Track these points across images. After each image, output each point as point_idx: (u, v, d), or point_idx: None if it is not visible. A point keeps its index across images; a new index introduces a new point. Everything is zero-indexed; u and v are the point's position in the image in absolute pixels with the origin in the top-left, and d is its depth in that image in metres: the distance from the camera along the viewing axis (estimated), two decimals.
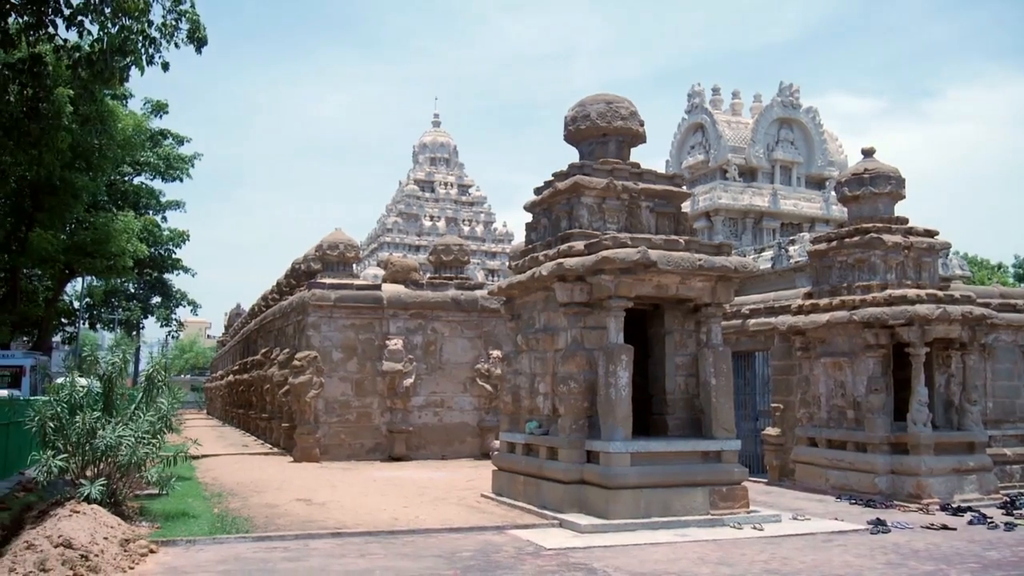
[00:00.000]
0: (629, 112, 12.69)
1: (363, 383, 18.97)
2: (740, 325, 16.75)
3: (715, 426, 11.44)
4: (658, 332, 12.30)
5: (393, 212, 49.77)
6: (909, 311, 13.17)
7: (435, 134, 52.93)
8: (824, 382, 14.74)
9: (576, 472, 11.15)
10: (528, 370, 12.68)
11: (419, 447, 19.18)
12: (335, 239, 21.00)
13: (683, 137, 32.10)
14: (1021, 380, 15.58)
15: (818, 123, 30.99)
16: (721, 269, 11.43)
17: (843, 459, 14.10)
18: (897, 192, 15.06)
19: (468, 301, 19.90)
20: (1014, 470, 14.93)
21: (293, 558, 8.67)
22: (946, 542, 10.05)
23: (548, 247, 12.32)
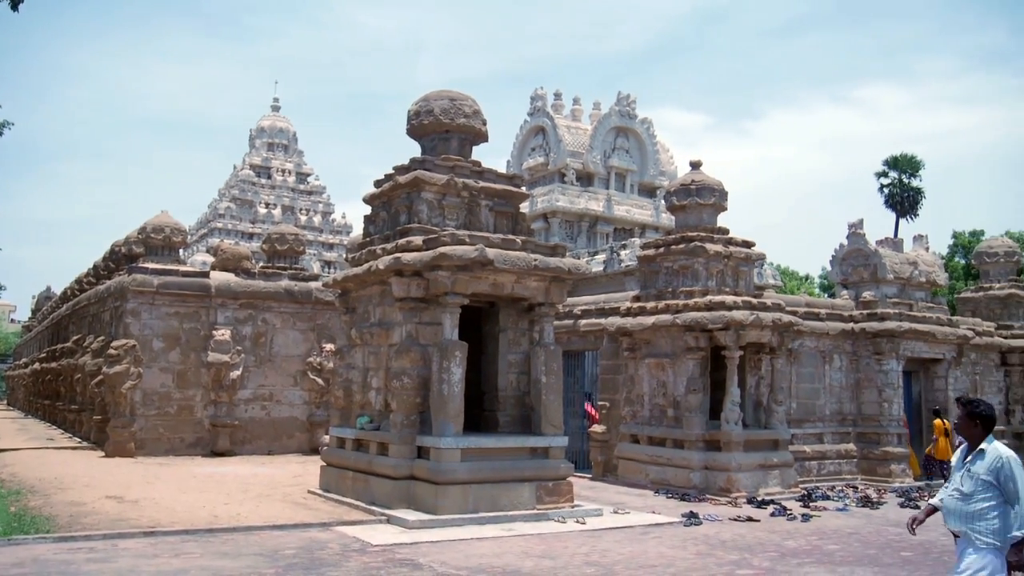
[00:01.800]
0: (472, 110, 12.78)
1: (186, 374, 18.08)
2: (572, 325, 17.24)
3: (544, 423, 11.72)
4: (492, 330, 12.45)
5: (226, 197, 47.71)
6: (726, 316, 14.00)
7: (274, 119, 51.16)
8: (648, 382, 15.43)
9: (406, 468, 11.12)
10: (361, 364, 12.51)
11: (245, 442, 18.50)
12: (161, 222, 19.89)
13: (524, 139, 32.65)
14: (821, 383, 16.93)
15: (652, 134, 32.36)
16: (555, 270, 11.71)
17: (662, 455, 14.81)
18: (720, 204, 15.98)
19: (302, 292, 19.39)
20: (812, 465, 16.20)
21: (100, 559, 8.14)
22: (750, 533, 10.77)
23: (386, 241, 12.21)
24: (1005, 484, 5.14)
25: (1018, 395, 20.72)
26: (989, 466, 5.22)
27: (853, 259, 18.40)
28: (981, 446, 5.33)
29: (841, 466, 16.68)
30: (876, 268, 17.89)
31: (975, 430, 5.38)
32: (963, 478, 5.33)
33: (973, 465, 5.30)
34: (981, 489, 5.20)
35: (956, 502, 5.32)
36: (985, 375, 20.31)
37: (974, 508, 5.21)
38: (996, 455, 5.24)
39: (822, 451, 16.52)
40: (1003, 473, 5.15)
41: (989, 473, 5.19)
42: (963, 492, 5.28)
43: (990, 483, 5.18)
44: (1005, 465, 5.17)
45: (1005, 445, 5.39)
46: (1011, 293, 21.59)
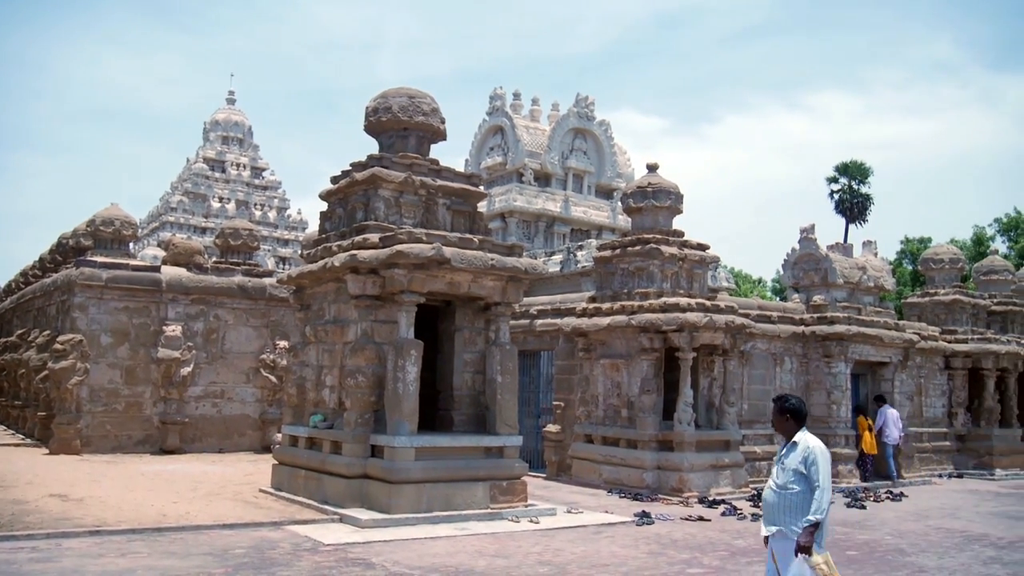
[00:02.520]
0: (431, 108, 12.74)
1: (135, 371, 17.73)
2: (528, 325, 17.29)
3: (499, 422, 11.73)
4: (448, 329, 12.43)
5: (178, 190, 46.90)
6: (680, 318, 14.15)
7: (229, 112, 50.42)
8: (602, 382, 15.53)
9: (359, 466, 11.04)
10: (315, 362, 12.40)
11: (195, 440, 18.20)
12: (111, 214, 19.49)
13: (483, 138, 32.65)
14: (771, 385, 17.19)
15: (610, 136, 32.59)
16: (512, 270, 11.73)
17: (616, 455, 14.92)
18: (676, 207, 16.14)
19: (256, 288, 19.15)
20: (762, 466, 16.43)
21: (43, 559, 7.95)
22: (701, 532, 10.90)
23: (342, 238, 12.11)
24: (810, 471, 5.32)
25: (960, 398, 21.26)
26: (800, 456, 5.41)
27: (804, 263, 18.72)
28: (794, 438, 5.53)
29: None
30: (826, 272, 18.23)
31: (787, 424, 5.59)
32: (778, 471, 5.51)
33: (786, 457, 5.49)
34: (793, 480, 5.38)
35: (773, 495, 5.47)
36: (930, 378, 20.82)
37: (788, 500, 5.37)
38: (806, 445, 5.44)
39: (772, 452, 16.76)
40: (809, 461, 5.34)
41: (800, 463, 5.38)
42: (778, 484, 5.45)
43: (801, 473, 5.37)
44: (811, 453, 5.36)
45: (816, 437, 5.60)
46: (955, 299, 22.16)
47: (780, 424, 5.66)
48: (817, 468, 5.32)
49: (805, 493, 5.35)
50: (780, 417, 5.65)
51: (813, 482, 5.32)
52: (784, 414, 5.62)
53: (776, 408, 5.70)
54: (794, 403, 5.68)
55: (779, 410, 5.67)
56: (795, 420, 5.59)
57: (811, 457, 5.36)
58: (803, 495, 5.35)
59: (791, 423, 5.58)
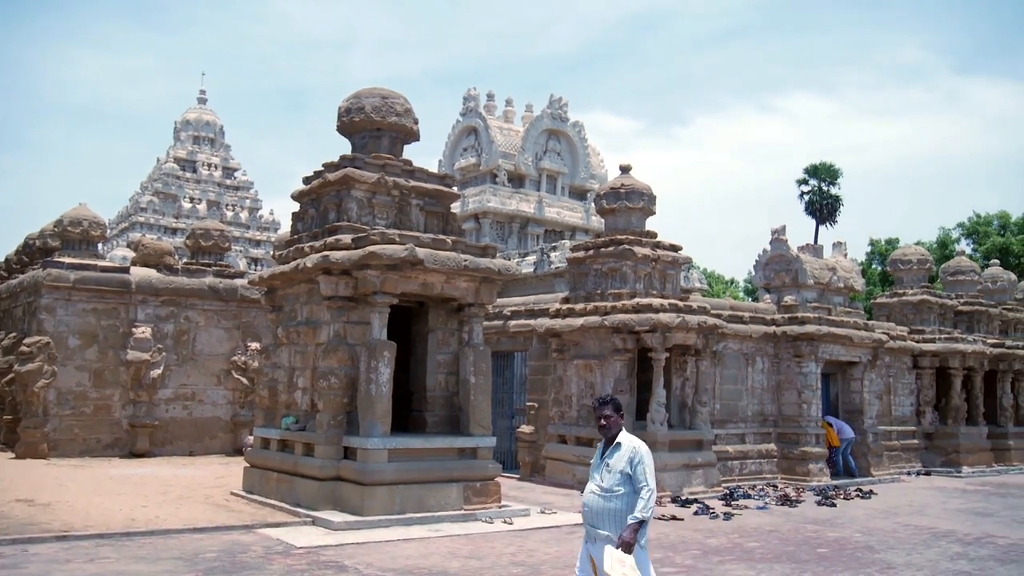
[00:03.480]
0: (404, 109, 12.70)
1: (103, 373, 17.50)
2: (501, 326, 17.29)
3: (472, 423, 11.72)
4: (422, 330, 12.40)
5: (149, 190, 46.35)
6: (653, 319, 14.22)
7: (200, 111, 49.91)
8: (576, 383, 15.57)
9: (332, 468, 10.98)
10: (287, 364, 12.32)
11: (165, 443, 18.00)
12: (79, 214, 19.22)
13: (457, 139, 32.61)
14: (743, 384, 17.33)
15: (583, 137, 32.67)
16: (485, 271, 11.72)
17: (590, 455, 14.94)
18: (649, 208, 16.22)
19: (227, 290, 18.98)
20: (734, 465, 16.58)
21: (8, 565, 7.81)
22: (674, 531, 10.96)
23: (315, 239, 12.04)
24: (636, 471, 5.19)
25: (928, 397, 21.58)
26: (625, 457, 5.25)
27: (776, 264, 18.90)
28: (617, 439, 5.36)
29: (762, 465, 17.11)
30: (797, 273, 18.41)
31: (613, 422, 5.39)
32: (603, 474, 5.32)
33: (611, 458, 5.31)
34: (620, 482, 5.22)
35: (599, 499, 5.27)
36: (898, 378, 21.10)
37: (614, 504, 5.20)
38: (631, 445, 5.30)
39: (744, 451, 16.91)
40: (635, 461, 5.21)
41: (626, 464, 5.23)
42: (604, 488, 5.27)
43: (627, 474, 5.22)
44: (637, 453, 5.24)
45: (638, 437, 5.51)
46: (923, 299, 22.47)
47: (608, 422, 5.40)
48: (643, 468, 5.19)
49: (631, 495, 5.19)
50: (607, 415, 5.40)
51: (639, 483, 5.17)
52: (618, 411, 5.42)
53: (601, 406, 5.45)
54: (619, 400, 5.54)
55: (613, 407, 5.42)
56: (620, 418, 5.43)
57: (637, 457, 5.22)
58: (630, 497, 5.19)
59: (615, 420, 5.38)
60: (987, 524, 12.44)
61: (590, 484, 5.39)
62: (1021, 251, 43.02)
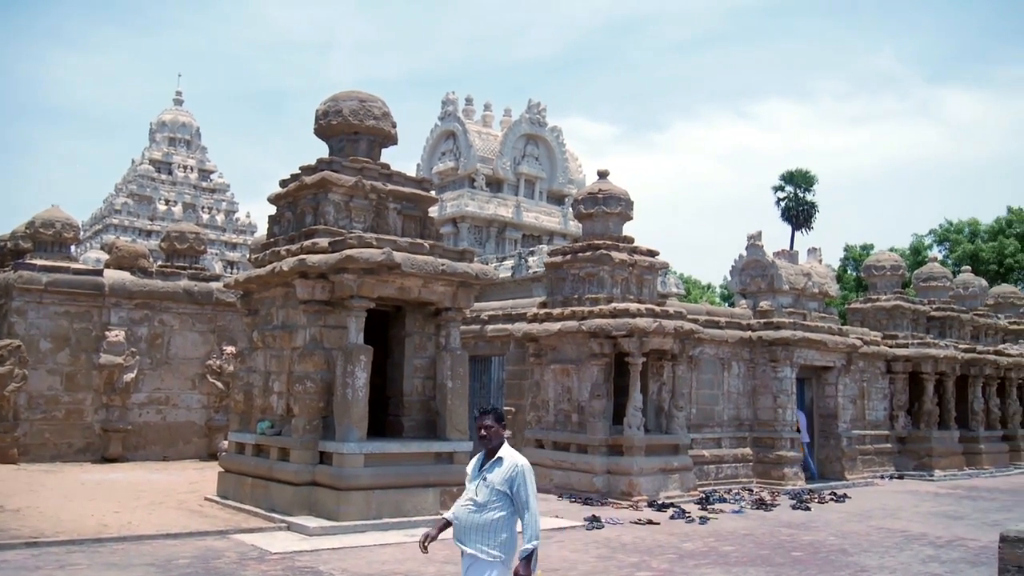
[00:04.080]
0: (382, 112, 12.67)
1: (76, 377, 17.28)
2: (479, 330, 17.27)
3: (449, 428, 11.70)
4: (399, 334, 12.36)
5: (123, 192, 45.88)
6: (630, 323, 14.27)
7: (176, 113, 49.48)
8: (553, 387, 15.58)
9: (308, 473, 10.91)
10: (263, 368, 12.23)
11: (138, 447, 17.80)
12: (51, 216, 19.00)
13: (435, 143, 32.57)
14: (720, 389, 17.43)
15: (561, 142, 32.76)
16: (463, 275, 11.71)
17: (566, 460, 14.98)
18: (626, 213, 16.28)
19: (202, 293, 18.82)
20: (710, 469, 16.66)
21: None
22: (651, 535, 10.99)
23: (291, 242, 11.97)
24: (517, 492, 4.85)
25: (901, 401, 21.81)
26: (506, 474, 4.89)
27: (751, 270, 19.03)
28: (499, 453, 4.99)
29: (738, 469, 17.21)
30: (773, 279, 18.55)
31: (494, 433, 5.02)
32: (479, 487, 4.94)
33: (490, 473, 4.94)
34: (495, 499, 4.86)
35: (470, 513, 4.91)
36: (872, 382, 21.31)
37: (487, 519, 4.85)
38: (513, 462, 4.93)
39: (720, 455, 17.00)
40: (516, 481, 4.86)
41: (504, 482, 4.87)
42: (477, 502, 4.89)
43: (504, 493, 4.86)
44: (518, 472, 4.88)
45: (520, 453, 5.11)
46: (896, 305, 22.73)
47: (489, 433, 5.00)
48: (525, 489, 4.85)
49: (507, 515, 4.86)
50: (488, 425, 5.01)
51: (521, 504, 4.84)
52: (500, 422, 5.05)
53: (483, 416, 5.06)
54: (501, 410, 5.19)
55: (495, 417, 5.05)
56: (502, 429, 5.06)
57: (518, 477, 4.87)
58: (505, 517, 4.85)
59: (497, 431, 5.00)
60: (958, 527, 12.59)
61: (462, 496, 5.03)
62: (991, 257, 43.65)
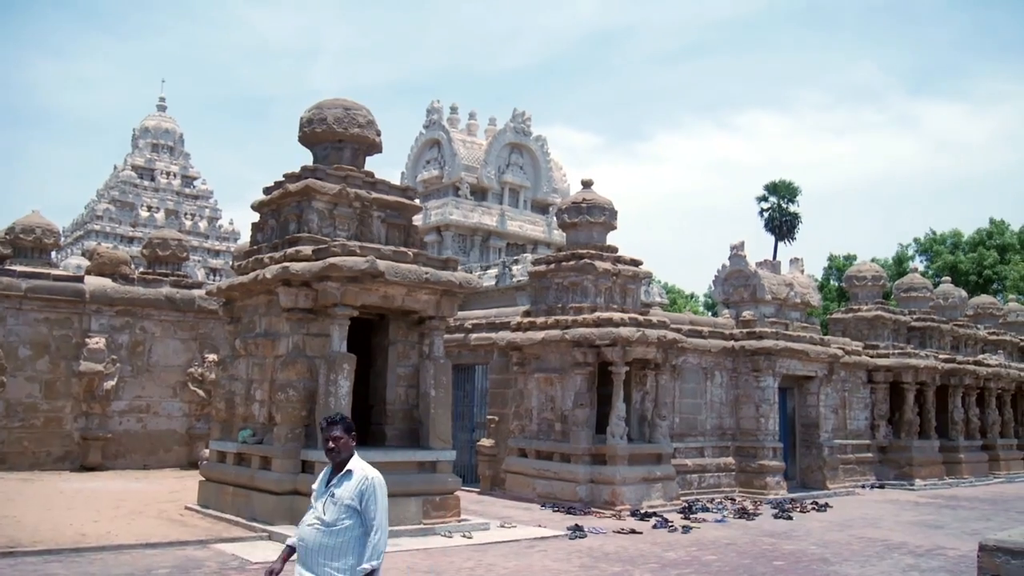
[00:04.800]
0: (367, 120, 12.67)
1: (55, 384, 17.12)
2: (463, 339, 17.25)
3: (432, 437, 11.66)
4: (382, 342, 12.33)
5: (105, 198, 45.58)
6: (614, 333, 14.30)
7: (159, 119, 49.22)
8: (536, 396, 15.58)
9: (290, 482, 10.85)
10: (245, 376, 12.16)
11: (118, 456, 17.64)
12: (31, 222, 18.84)
13: (420, 151, 32.58)
14: (703, 398, 17.49)
15: (546, 151, 32.85)
16: (446, 283, 11.70)
17: (549, 469, 14.97)
18: (610, 222, 16.34)
19: (184, 300, 18.70)
20: (693, 478, 16.70)
21: None
22: (633, 545, 11.00)
23: (275, 249, 11.93)
24: (366, 507, 4.46)
25: (882, 411, 21.95)
26: (355, 488, 4.48)
27: (734, 279, 19.13)
28: (348, 466, 4.57)
29: (720, 479, 17.26)
30: (755, 289, 18.65)
31: (344, 445, 4.60)
32: (326, 504, 4.51)
33: (338, 487, 4.51)
34: (345, 516, 4.44)
35: (318, 534, 4.47)
36: (853, 392, 21.45)
37: (336, 540, 4.43)
38: (363, 475, 4.52)
39: (703, 464, 17.04)
40: (366, 494, 4.47)
41: (354, 496, 4.46)
42: (325, 521, 4.47)
43: (354, 509, 4.46)
44: (370, 485, 4.49)
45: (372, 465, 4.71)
46: (877, 315, 22.90)
47: (337, 444, 4.58)
48: (375, 504, 4.46)
49: (360, 535, 4.45)
50: (336, 436, 4.59)
51: (369, 520, 4.44)
52: (349, 432, 4.63)
53: (330, 426, 4.63)
54: (350, 420, 4.74)
55: (344, 428, 4.63)
56: (352, 440, 4.65)
57: (369, 490, 4.46)
58: (358, 537, 4.44)
59: (346, 443, 4.59)
60: (938, 536, 12.67)
61: (308, 515, 4.59)
62: (970, 269, 44.11)
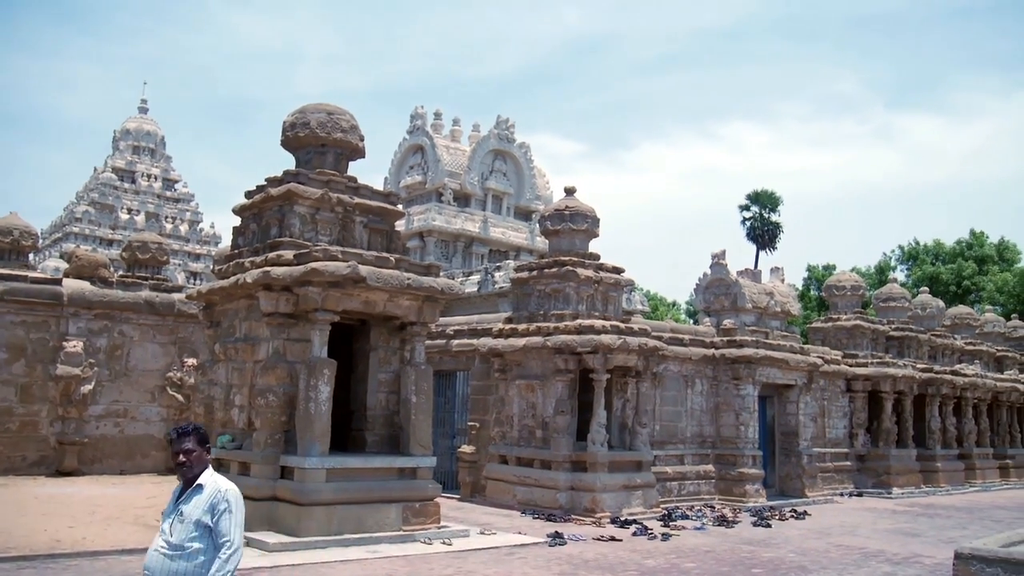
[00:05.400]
0: (350, 125, 12.64)
1: (31, 388, 16.92)
2: (444, 345, 17.23)
3: (412, 443, 11.63)
4: (363, 348, 12.29)
5: (84, 200, 45.20)
6: (595, 340, 14.33)
7: (141, 121, 48.91)
8: (518, 403, 15.57)
9: (268, 488, 10.78)
10: (224, 381, 12.08)
11: (95, 461, 17.45)
12: (9, 223, 18.64)
13: (403, 156, 32.56)
14: (683, 406, 17.54)
15: (529, 158, 32.92)
16: (428, 289, 11.69)
17: (530, 476, 14.96)
18: (592, 230, 16.38)
19: (164, 304, 18.55)
20: (673, 486, 16.73)
21: None
22: (613, 552, 11.00)
23: (256, 254, 11.87)
24: (218, 523, 4.06)
25: (861, 420, 22.11)
26: (207, 503, 4.09)
27: (715, 288, 19.22)
28: (199, 480, 4.16)
29: (700, 486, 17.30)
30: (736, 297, 18.75)
31: (196, 458, 4.20)
32: (173, 524, 4.09)
33: (187, 504, 4.11)
34: (196, 535, 4.03)
35: (165, 560, 4.03)
36: (832, 400, 21.59)
37: (187, 565, 4.00)
38: (215, 488, 4.14)
39: (683, 472, 17.09)
40: (219, 510, 4.08)
41: (206, 512, 4.07)
42: (172, 544, 4.03)
43: (205, 525, 4.06)
44: (224, 500, 4.11)
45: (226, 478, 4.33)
46: (856, 324, 23.08)
47: (189, 458, 4.18)
48: (230, 519, 4.06)
49: (210, 555, 4.04)
50: (187, 449, 4.18)
51: (221, 537, 4.04)
52: (203, 444, 4.24)
53: (180, 438, 4.21)
54: (204, 431, 4.32)
55: (196, 439, 4.22)
56: (206, 453, 4.25)
57: (222, 505, 4.08)
58: (207, 557, 4.03)
59: (199, 456, 4.20)
60: (915, 544, 12.77)
61: (156, 539, 4.15)
62: (950, 279, 44.58)
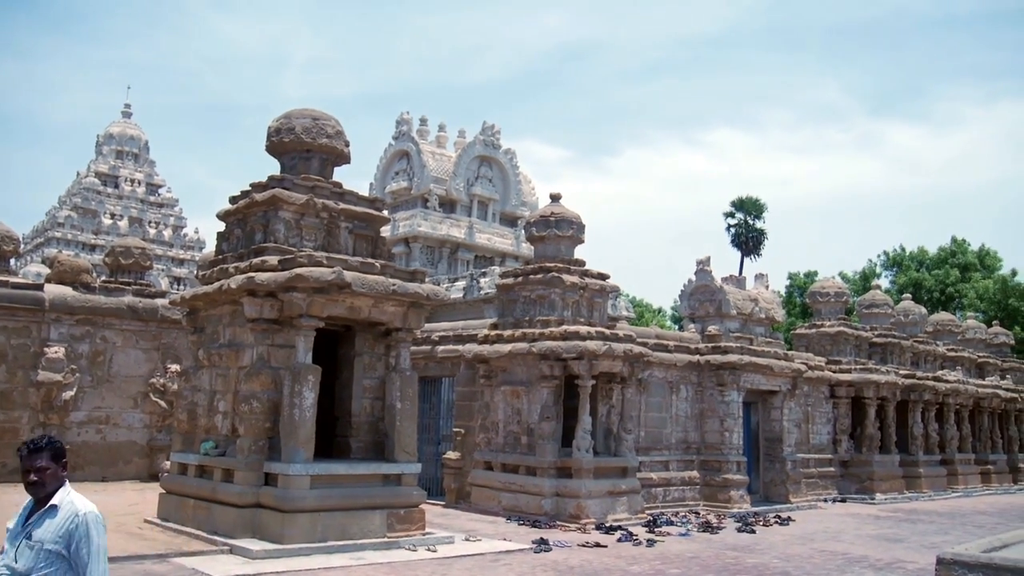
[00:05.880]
0: (335, 131, 12.62)
1: (11, 394, 16.77)
2: (429, 351, 17.19)
3: (397, 449, 11.59)
4: (348, 354, 12.25)
5: (67, 205, 44.88)
6: (580, 346, 14.34)
7: (124, 125, 48.64)
8: (503, 409, 15.56)
9: (252, 495, 10.71)
10: (208, 387, 12.01)
11: (76, 468, 17.27)
12: None
13: (389, 162, 32.54)
14: (668, 412, 17.58)
15: (515, 164, 32.97)
16: (414, 295, 11.67)
17: (515, 482, 14.94)
18: (578, 236, 16.41)
19: (147, 309, 18.44)
20: (658, 492, 16.75)
21: None
22: (597, 558, 11.00)
23: (240, 259, 11.82)
24: (77, 554, 3.60)
25: (844, 426, 22.22)
26: (61, 527, 3.63)
27: (700, 294, 19.29)
28: (53, 500, 3.70)
29: (685, 492, 17.33)
30: (721, 304, 18.82)
31: (50, 475, 3.74)
32: (20, 549, 3.63)
33: (38, 527, 3.64)
34: (45, 564, 3.57)
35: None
36: (816, 406, 21.69)
37: None
38: (73, 511, 3.67)
39: (668, 478, 17.11)
40: (77, 535, 3.62)
41: (59, 539, 3.61)
42: (18, 571, 3.60)
43: (59, 555, 3.60)
44: (81, 524, 3.64)
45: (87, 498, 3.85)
46: (840, 331, 23.21)
47: (41, 476, 3.71)
48: (87, 547, 3.61)
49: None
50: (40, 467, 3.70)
51: (82, 566, 3.59)
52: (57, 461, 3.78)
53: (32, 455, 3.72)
54: (60, 445, 3.83)
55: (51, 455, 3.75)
56: (62, 469, 3.78)
57: (79, 531, 3.62)
58: None
59: (53, 473, 3.74)
60: (898, 550, 12.84)
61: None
62: (933, 286, 44.92)
